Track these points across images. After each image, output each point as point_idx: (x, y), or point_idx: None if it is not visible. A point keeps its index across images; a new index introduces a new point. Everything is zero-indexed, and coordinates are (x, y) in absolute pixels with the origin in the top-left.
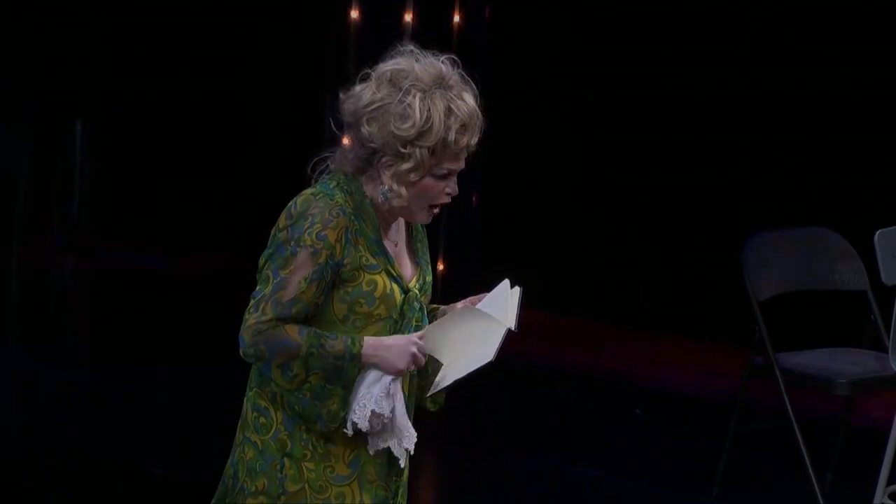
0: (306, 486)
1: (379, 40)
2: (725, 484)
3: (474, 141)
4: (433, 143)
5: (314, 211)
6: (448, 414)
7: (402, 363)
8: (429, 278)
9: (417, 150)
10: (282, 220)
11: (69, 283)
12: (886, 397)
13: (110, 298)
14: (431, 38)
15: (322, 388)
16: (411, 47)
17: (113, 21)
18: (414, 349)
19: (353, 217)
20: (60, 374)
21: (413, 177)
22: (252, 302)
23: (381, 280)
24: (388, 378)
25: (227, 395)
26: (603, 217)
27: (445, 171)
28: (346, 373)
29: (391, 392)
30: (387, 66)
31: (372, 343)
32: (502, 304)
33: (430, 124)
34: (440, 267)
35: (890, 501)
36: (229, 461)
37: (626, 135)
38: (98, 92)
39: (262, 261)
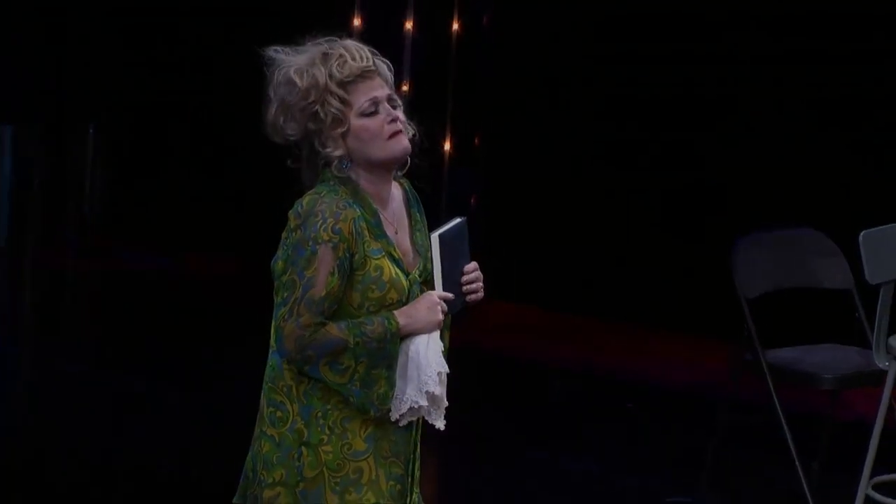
0: (324, 468)
1: (380, 47)
2: (715, 475)
3: (366, 63)
4: (330, 90)
5: (322, 207)
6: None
7: (436, 315)
8: (429, 265)
9: (325, 105)
10: (291, 221)
11: (82, 284)
12: (870, 392)
13: (122, 298)
14: (431, 44)
15: (368, 375)
16: (274, 48)
17: (121, 21)
18: (436, 298)
19: (355, 205)
20: (75, 372)
21: (341, 128)
22: (284, 309)
23: (386, 265)
24: (436, 335)
25: (238, 393)
26: (597, 216)
27: (368, 105)
28: (388, 352)
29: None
30: (268, 81)
31: (402, 312)
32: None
33: (314, 78)
34: None
35: (874, 493)
36: (249, 455)
37: (623, 133)
38: (110, 95)
39: (278, 265)
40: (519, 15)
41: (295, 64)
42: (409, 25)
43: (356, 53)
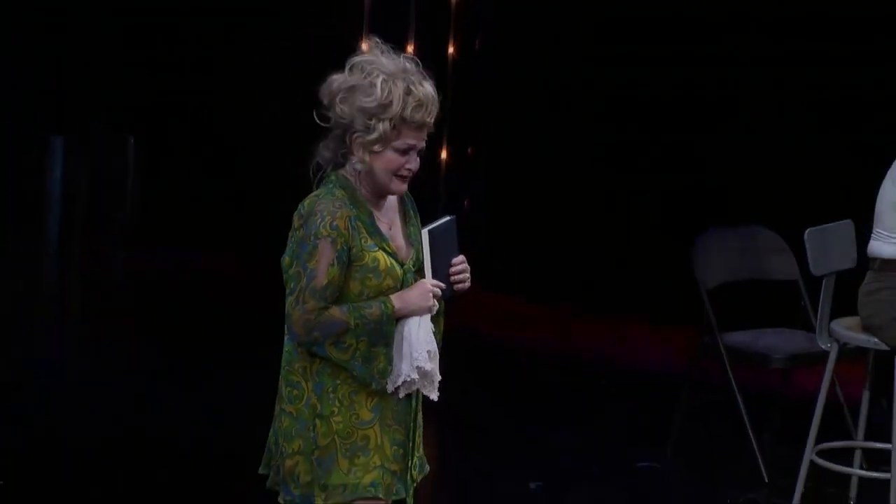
0: (335, 436)
1: None
2: (678, 447)
3: (430, 119)
4: (393, 117)
5: (321, 208)
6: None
7: (429, 300)
8: (420, 256)
9: (380, 123)
10: (295, 222)
11: (82, 284)
12: (815, 370)
13: (122, 298)
14: (429, 65)
15: (368, 352)
16: (377, 39)
17: (121, 21)
18: (430, 286)
19: (351, 206)
20: (75, 371)
21: (377, 147)
22: (291, 298)
23: (381, 256)
24: (427, 318)
25: (238, 392)
26: (598, 218)
27: (406, 146)
28: (385, 331)
29: (431, 331)
30: (357, 58)
31: (398, 297)
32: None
33: (390, 100)
34: None
35: (817, 458)
36: (271, 431)
37: (624, 135)
38: (110, 95)
39: (285, 260)
40: (519, 17)
41: (384, 71)
42: (409, 48)
43: (429, 106)
